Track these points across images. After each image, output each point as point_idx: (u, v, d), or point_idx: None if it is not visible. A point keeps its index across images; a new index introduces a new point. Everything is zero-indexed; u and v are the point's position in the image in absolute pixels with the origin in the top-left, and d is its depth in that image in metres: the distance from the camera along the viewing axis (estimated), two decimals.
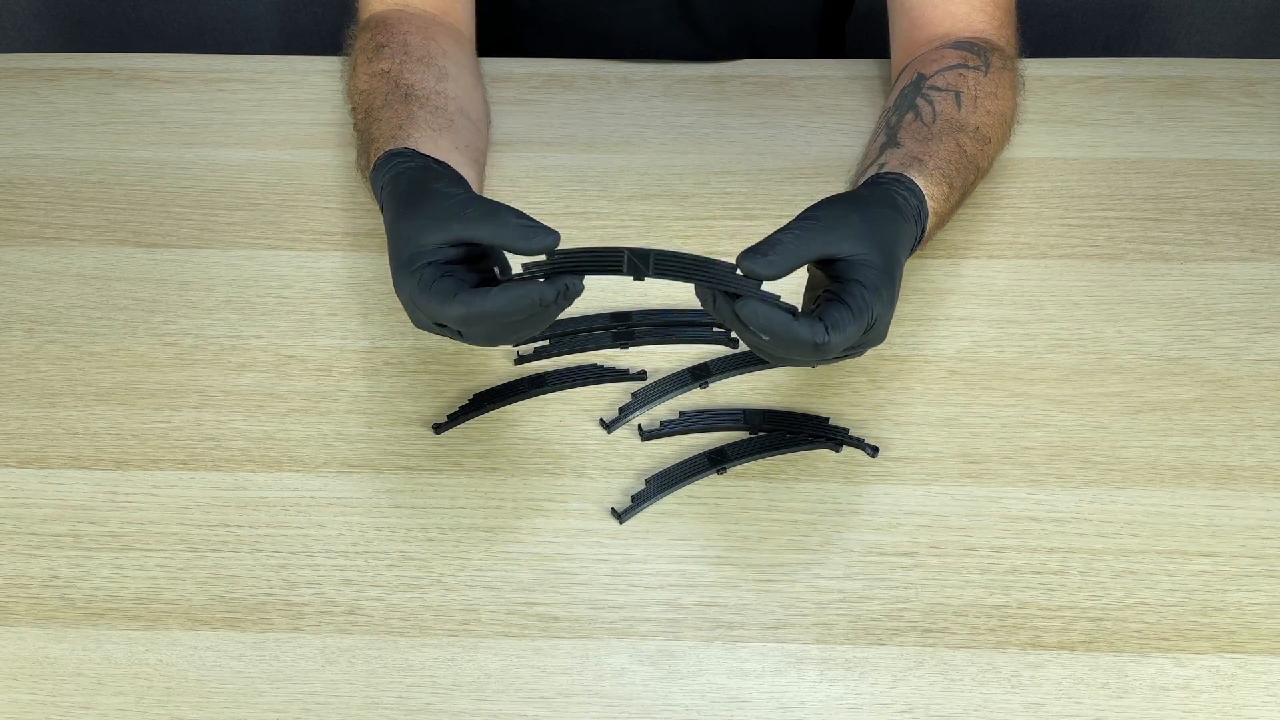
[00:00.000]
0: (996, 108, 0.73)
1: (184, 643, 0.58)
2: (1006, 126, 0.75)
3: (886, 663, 0.57)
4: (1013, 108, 0.76)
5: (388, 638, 0.58)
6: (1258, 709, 0.56)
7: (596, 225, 0.76)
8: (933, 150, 0.68)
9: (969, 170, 0.70)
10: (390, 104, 0.70)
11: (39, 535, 0.62)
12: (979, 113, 0.72)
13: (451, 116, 0.71)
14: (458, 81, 0.76)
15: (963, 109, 0.71)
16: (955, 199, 0.69)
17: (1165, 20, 1.24)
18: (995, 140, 0.73)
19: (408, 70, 0.73)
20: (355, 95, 0.74)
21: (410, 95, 0.71)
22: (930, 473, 0.64)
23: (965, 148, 0.70)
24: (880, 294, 0.56)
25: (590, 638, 0.58)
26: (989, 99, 0.73)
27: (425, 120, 0.69)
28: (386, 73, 0.73)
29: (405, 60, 0.74)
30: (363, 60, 0.75)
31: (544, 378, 0.68)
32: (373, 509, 0.63)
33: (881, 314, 0.56)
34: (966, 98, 0.72)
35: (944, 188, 0.67)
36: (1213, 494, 0.63)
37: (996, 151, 0.75)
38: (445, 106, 0.72)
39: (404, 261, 0.57)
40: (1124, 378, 0.68)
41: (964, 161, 0.69)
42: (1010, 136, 0.76)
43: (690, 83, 0.85)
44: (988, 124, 0.72)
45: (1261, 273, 0.73)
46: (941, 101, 0.72)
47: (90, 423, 0.67)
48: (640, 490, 0.62)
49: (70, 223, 0.77)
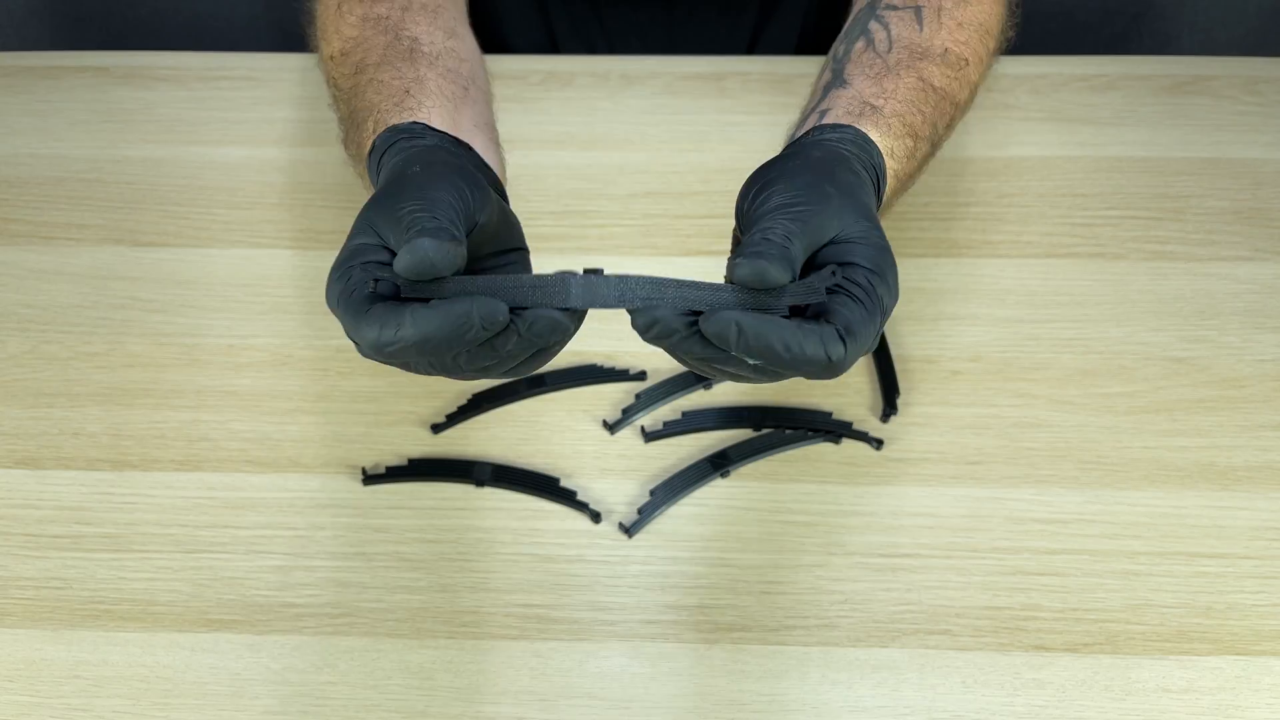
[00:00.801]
0: (970, 17, 0.60)
1: (181, 645, 0.58)
2: (989, 38, 0.61)
3: (888, 665, 0.57)
4: (995, 12, 0.62)
5: (386, 640, 0.58)
6: (1261, 711, 0.55)
7: (596, 225, 0.76)
8: (889, 90, 0.55)
9: (940, 109, 0.57)
10: (390, 61, 0.57)
11: (35, 536, 0.62)
12: (946, 29, 0.59)
13: (465, 84, 0.58)
14: (466, 41, 0.63)
15: (925, 28, 0.58)
16: (924, 151, 0.56)
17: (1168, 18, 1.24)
18: (974, 59, 0.60)
19: (411, 19, 0.60)
20: (337, 40, 0.61)
21: (416, 51, 0.57)
22: (932, 473, 0.64)
23: (932, 80, 0.57)
24: (886, 278, 0.45)
25: (590, 640, 0.58)
26: (958, 7, 0.60)
27: (436, 86, 0.56)
28: (384, 19, 0.60)
29: (408, 7, 0.61)
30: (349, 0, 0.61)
31: (543, 378, 0.67)
32: (371, 510, 0.63)
33: (890, 301, 0.45)
34: (929, 12, 0.59)
35: (907, 140, 0.54)
36: (1216, 495, 0.63)
37: (980, 73, 0.61)
38: (458, 70, 0.58)
39: (340, 259, 0.44)
40: (1127, 378, 0.68)
41: (931, 100, 0.56)
42: (998, 48, 0.63)
43: (690, 80, 0.85)
44: (960, 41, 0.59)
45: (1265, 272, 0.73)
46: (899, 23, 0.58)
47: (87, 423, 0.66)
48: (646, 502, 0.62)
49: (67, 221, 0.77)
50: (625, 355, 0.69)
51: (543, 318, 0.42)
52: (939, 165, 0.79)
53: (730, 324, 0.40)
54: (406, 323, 0.41)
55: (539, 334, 0.42)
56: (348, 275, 0.43)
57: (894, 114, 0.54)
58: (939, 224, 0.76)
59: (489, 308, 0.41)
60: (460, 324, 0.41)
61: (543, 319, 0.42)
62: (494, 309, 0.41)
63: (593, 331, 0.69)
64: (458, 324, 0.41)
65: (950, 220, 0.76)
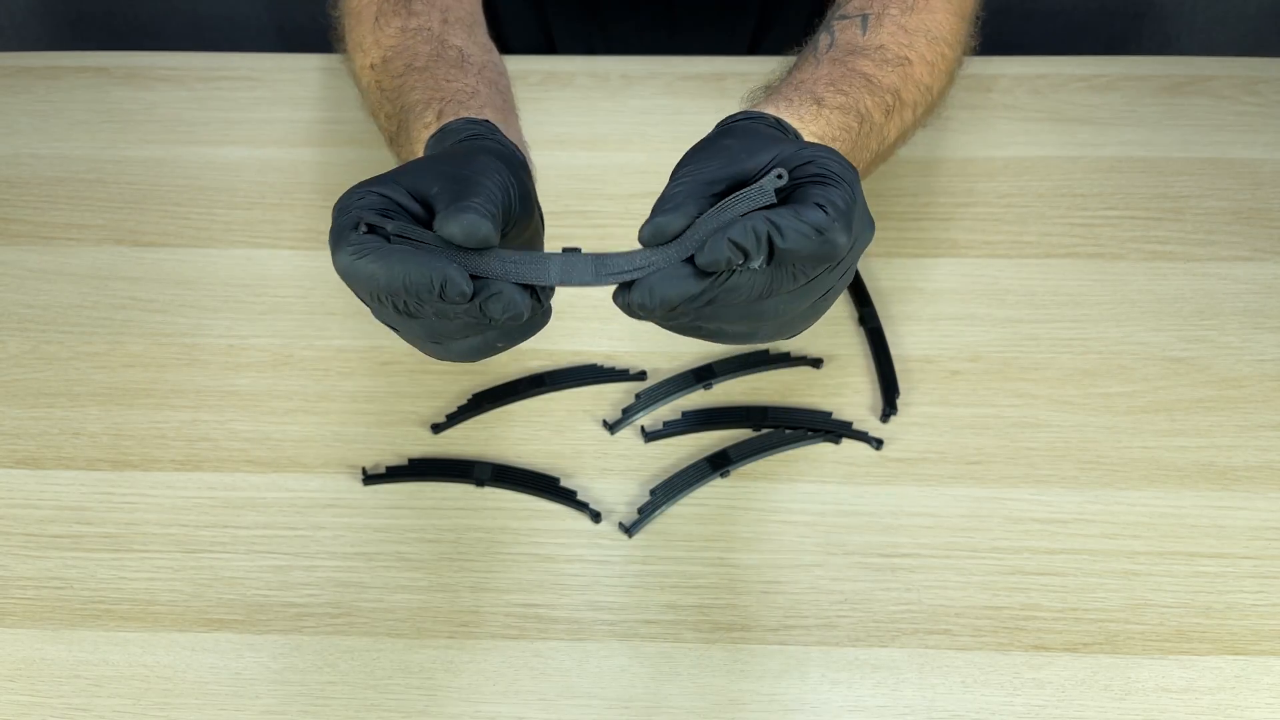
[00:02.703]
0: (917, 23, 0.60)
1: (181, 644, 0.58)
2: (938, 43, 0.61)
3: (888, 665, 0.57)
4: (946, 23, 0.62)
5: (386, 639, 0.58)
6: (1260, 710, 0.55)
7: (596, 224, 0.76)
8: (800, 79, 0.54)
9: (876, 95, 0.56)
10: (440, 65, 0.57)
11: (35, 536, 0.62)
12: (886, 30, 0.58)
13: (506, 99, 0.59)
14: (495, 53, 0.64)
15: (867, 32, 0.58)
16: (853, 130, 0.54)
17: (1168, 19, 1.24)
18: (919, 60, 0.59)
19: (450, 32, 0.60)
20: (377, 49, 0.61)
21: (465, 62, 0.57)
22: (932, 473, 0.64)
23: (860, 69, 0.56)
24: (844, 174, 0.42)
25: (590, 639, 0.58)
26: (904, 14, 0.60)
27: (489, 98, 0.56)
28: (425, 29, 0.60)
29: (445, 20, 0.61)
30: (387, 11, 0.62)
31: (543, 378, 0.67)
32: (371, 510, 0.63)
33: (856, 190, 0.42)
34: (873, 19, 0.59)
35: (822, 116, 0.52)
36: (1216, 495, 0.63)
37: (930, 77, 0.60)
38: (499, 85, 0.59)
39: (356, 185, 0.44)
40: (1126, 378, 0.68)
41: (856, 84, 0.55)
42: (956, 57, 0.63)
43: (691, 80, 0.85)
44: (900, 42, 0.59)
45: (1265, 272, 0.73)
46: (845, 31, 0.59)
47: (87, 423, 0.66)
48: (646, 502, 0.62)
49: (67, 222, 0.77)
50: (625, 355, 0.69)
51: (502, 293, 0.42)
52: (939, 165, 0.79)
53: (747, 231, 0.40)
54: (372, 257, 0.41)
55: (492, 309, 0.42)
56: (358, 194, 0.44)
57: (804, 90, 0.53)
58: (939, 224, 0.76)
59: (451, 277, 0.41)
60: (420, 280, 0.41)
61: (501, 295, 0.42)
62: (455, 281, 0.41)
63: (593, 331, 0.70)
64: (419, 278, 0.41)
65: (950, 220, 0.76)
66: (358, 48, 0.64)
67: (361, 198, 0.43)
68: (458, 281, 0.41)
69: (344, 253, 0.42)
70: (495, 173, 0.45)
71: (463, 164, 0.45)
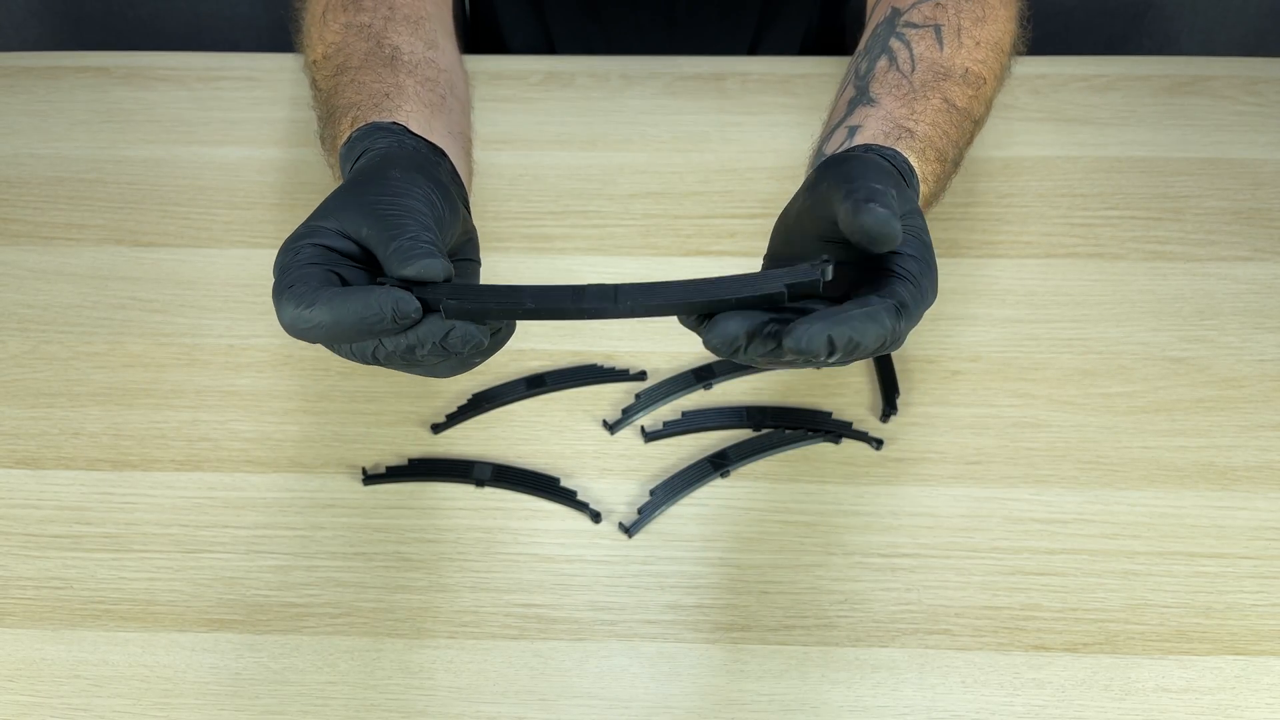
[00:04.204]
0: (987, 36, 0.62)
1: (181, 644, 0.58)
2: (1002, 55, 0.63)
3: (888, 665, 0.57)
4: (1009, 30, 0.64)
5: (386, 639, 0.58)
6: (1260, 711, 0.55)
7: (596, 224, 0.76)
8: (919, 113, 0.56)
9: (963, 129, 0.59)
10: (370, 65, 0.59)
11: (35, 536, 0.62)
12: (965, 48, 0.60)
13: (443, 92, 0.61)
14: (446, 52, 0.66)
15: (945, 47, 0.60)
16: (947, 173, 0.58)
17: (1168, 19, 1.24)
18: (991, 77, 0.62)
19: (393, 29, 0.62)
20: (321, 45, 0.63)
21: (396, 59, 0.60)
22: (932, 473, 0.64)
23: (955, 101, 0.58)
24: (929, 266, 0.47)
25: (590, 639, 0.58)
26: (976, 26, 0.61)
27: (415, 94, 0.58)
28: (366, 27, 0.62)
29: (390, 18, 0.63)
30: (334, 6, 0.64)
31: (543, 378, 0.67)
32: (371, 510, 0.63)
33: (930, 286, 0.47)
34: (949, 32, 0.61)
35: (936, 165, 0.56)
36: (1216, 495, 0.63)
37: (995, 89, 0.63)
38: (436, 79, 0.61)
39: (294, 234, 0.45)
40: (1126, 378, 0.68)
41: (954, 120, 0.58)
42: (1011, 65, 0.65)
43: (690, 80, 0.85)
44: (978, 59, 0.61)
45: (1265, 272, 0.73)
46: (920, 42, 0.60)
47: (87, 423, 0.66)
48: (646, 502, 0.62)
49: (67, 221, 0.77)
50: (625, 355, 0.69)
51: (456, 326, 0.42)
52: None
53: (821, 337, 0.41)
54: (320, 302, 0.41)
55: (452, 343, 0.42)
56: (294, 251, 0.44)
57: (925, 139, 0.55)
58: (939, 224, 0.76)
59: (400, 300, 0.41)
60: (371, 313, 0.41)
61: (456, 328, 0.43)
62: (405, 302, 0.41)
63: (593, 331, 0.70)
64: (368, 313, 0.40)
65: (950, 220, 0.76)
66: (307, 42, 0.66)
67: (297, 254, 0.44)
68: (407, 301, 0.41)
69: (287, 306, 0.41)
70: (416, 189, 0.45)
71: (381, 189, 0.45)
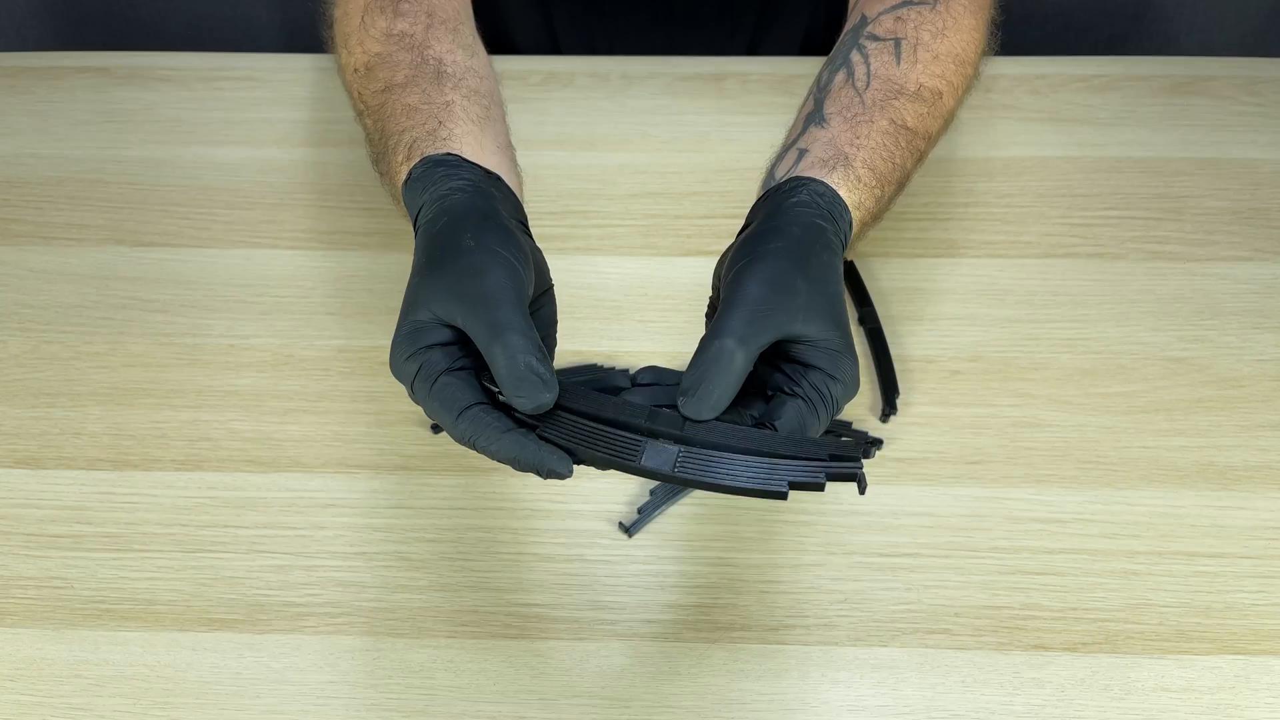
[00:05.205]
0: (947, 48, 0.61)
1: (182, 644, 0.58)
2: (965, 66, 0.63)
3: (888, 664, 0.57)
4: (973, 40, 0.64)
5: (386, 639, 0.58)
6: (1260, 710, 0.55)
7: (596, 225, 0.76)
8: (863, 138, 0.57)
9: (912, 147, 0.59)
10: (418, 83, 0.58)
11: (36, 536, 0.62)
12: (921, 64, 0.60)
13: (487, 104, 0.60)
14: (481, 57, 0.64)
15: (902, 63, 0.60)
16: (889, 195, 0.58)
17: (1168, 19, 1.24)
18: (949, 90, 0.61)
19: (435, 38, 0.61)
20: (362, 53, 0.62)
21: (443, 74, 0.59)
22: (932, 473, 0.64)
23: (905, 120, 0.58)
24: (842, 378, 0.49)
25: (590, 639, 0.58)
26: (936, 40, 0.61)
27: (464, 111, 0.58)
28: (407, 35, 0.61)
29: (431, 23, 0.62)
30: (374, 9, 0.63)
31: None
32: (371, 510, 0.63)
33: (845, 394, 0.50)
34: (907, 47, 0.60)
35: (875, 190, 0.56)
36: (1215, 494, 0.63)
37: (954, 102, 0.63)
38: (480, 90, 0.60)
39: (405, 335, 0.49)
40: (1126, 378, 0.68)
41: (903, 140, 0.58)
42: (976, 75, 0.65)
43: (691, 81, 0.85)
44: (934, 74, 0.60)
45: (1264, 272, 0.73)
46: (878, 57, 0.60)
47: (88, 423, 0.66)
48: (646, 502, 0.62)
49: (68, 222, 0.77)
50: (625, 355, 0.69)
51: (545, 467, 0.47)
52: (938, 166, 0.79)
53: None
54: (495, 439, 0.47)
55: (544, 470, 0.48)
56: (422, 358, 0.48)
57: (865, 165, 0.56)
58: (939, 224, 0.76)
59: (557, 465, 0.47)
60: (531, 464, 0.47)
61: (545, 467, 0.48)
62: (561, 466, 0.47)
63: (593, 331, 0.70)
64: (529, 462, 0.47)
65: (950, 220, 0.76)
66: (343, 44, 0.65)
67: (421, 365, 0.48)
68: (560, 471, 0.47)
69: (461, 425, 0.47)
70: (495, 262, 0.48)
71: (463, 270, 0.48)
